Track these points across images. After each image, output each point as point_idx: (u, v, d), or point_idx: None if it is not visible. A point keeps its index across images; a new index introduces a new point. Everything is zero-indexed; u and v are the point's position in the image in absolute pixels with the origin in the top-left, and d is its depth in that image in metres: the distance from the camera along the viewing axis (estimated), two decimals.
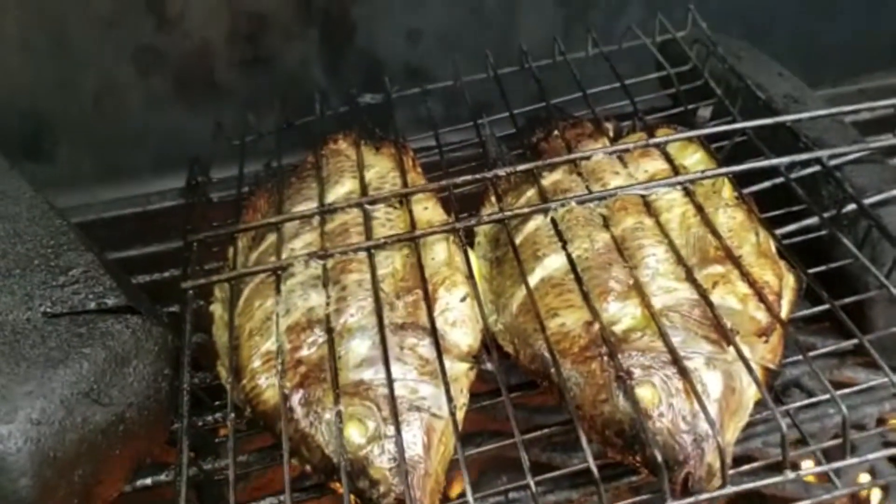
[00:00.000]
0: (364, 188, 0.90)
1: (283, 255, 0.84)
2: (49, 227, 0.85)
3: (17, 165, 0.98)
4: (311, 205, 0.90)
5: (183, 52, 1.35)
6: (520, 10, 1.44)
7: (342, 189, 0.92)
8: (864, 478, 0.91)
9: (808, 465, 0.84)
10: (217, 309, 0.86)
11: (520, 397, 0.82)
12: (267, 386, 0.75)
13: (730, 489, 0.64)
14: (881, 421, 0.85)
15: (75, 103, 1.35)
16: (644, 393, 0.67)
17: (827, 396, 0.70)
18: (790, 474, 0.64)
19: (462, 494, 0.67)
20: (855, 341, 0.74)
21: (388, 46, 1.42)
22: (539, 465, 0.90)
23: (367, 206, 0.87)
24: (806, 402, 0.79)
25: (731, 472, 0.66)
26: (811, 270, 0.81)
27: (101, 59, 1.33)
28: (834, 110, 0.90)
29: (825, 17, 1.49)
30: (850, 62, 1.41)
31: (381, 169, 0.95)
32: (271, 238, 0.88)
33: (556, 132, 1.00)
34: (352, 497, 0.68)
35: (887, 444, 0.87)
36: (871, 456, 0.67)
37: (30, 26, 1.28)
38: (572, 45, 1.16)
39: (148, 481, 0.79)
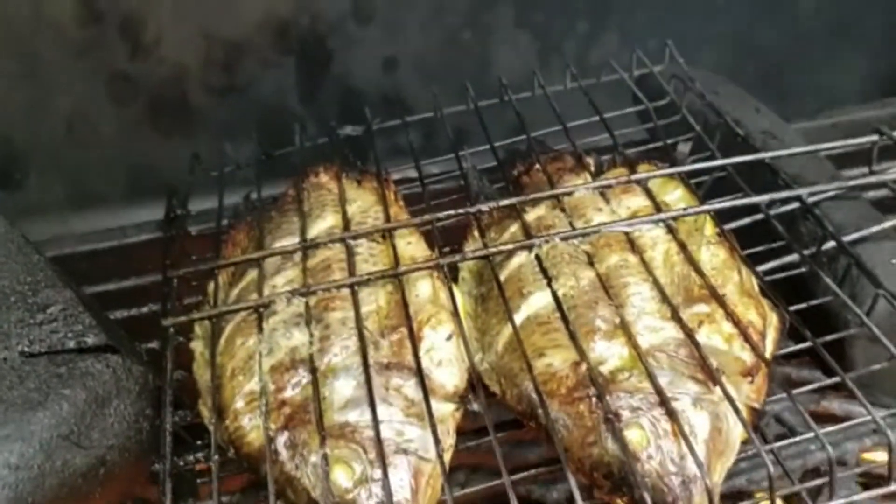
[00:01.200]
0: (346, 223, 0.90)
1: (265, 292, 0.83)
2: (26, 263, 0.84)
3: None
4: (293, 239, 0.89)
5: (157, 80, 1.35)
6: (494, 41, 1.45)
7: (324, 224, 0.92)
8: None
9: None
10: (198, 346, 0.85)
11: (504, 436, 0.82)
12: (251, 427, 0.74)
13: None
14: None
15: (47, 130, 1.33)
16: (633, 435, 0.67)
17: (809, 435, 0.70)
18: None
19: None
20: (836, 379, 0.74)
21: (364, 76, 1.42)
22: (518, 498, 0.90)
23: (350, 242, 0.86)
24: (790, 440, 0.79)
25: None
26: (792, 308, 0.82)
27: (73, 85, 1.32)
28: (812, 148, 0.92)
29: (797, 52, 1.52)
30: (823, 97, 1.44)
31: (363, 203, 0.95)
32: (252, 274, 0.87)
33: (537, 165, 1.00)
34: None
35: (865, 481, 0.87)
36: (856, 497, 0.67)
37: (1, 51, 1.27)
38: (548, 75, 1.16)
39: None
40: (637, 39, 1.26)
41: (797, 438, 0.79)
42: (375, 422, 0.70)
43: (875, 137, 0.91)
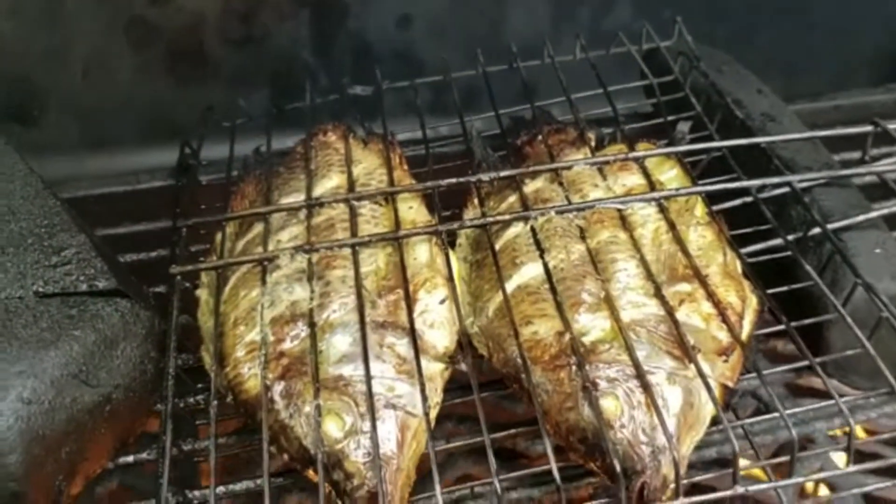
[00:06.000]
0: (351, 184, 0.93)
1: (270, 247, 0.87)
2: (43, 207, 0.87)
3: (3, 127, 0.99)
4: (299, 197, 0.93)
5: (176, 27, 1.37)
6: (509, 4, 1.47)
7: (329, 183, 0.95)
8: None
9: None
10: (203, 294, 0.89)
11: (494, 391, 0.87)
12: (249, 375, 0.78)
13: (682, 500, 0.68)
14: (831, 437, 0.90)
15: (65, 71, 1.36)
16: (608, 404, 0.71)
17: (776, 414, 0.74)
18: (739, 489, 0.69)
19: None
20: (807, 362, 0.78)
21: (378, 32, 1.44)
22: (504, 450, 0.94)
23: (354, 203, 0.89)
24: (759, 418, 0.83)
25: (685, 481, 0.70)
26: (776, 290, 0.85)
27: (93, 28, 1.34)
28: (806, 135, 0.94)
29: (808, 32, 1.53)
30: (829, 77, 1.46)
31: (368, 165, 0.98)
32: (258, 227, 0.91)
33: (539, 137, 1.03)
34: (326, 487, 0.71)
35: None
36: (814, 477, 0.71)
37: None
38: (560, 41, 1.19)
39: (130, 459, 0.82)
40: (651, 10, 1.27)
41: (766, 416, 0.83)
42: (368, 377, 0.74)
43: (869, 128, 0.93)
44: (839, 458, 0.92)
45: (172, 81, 1.40)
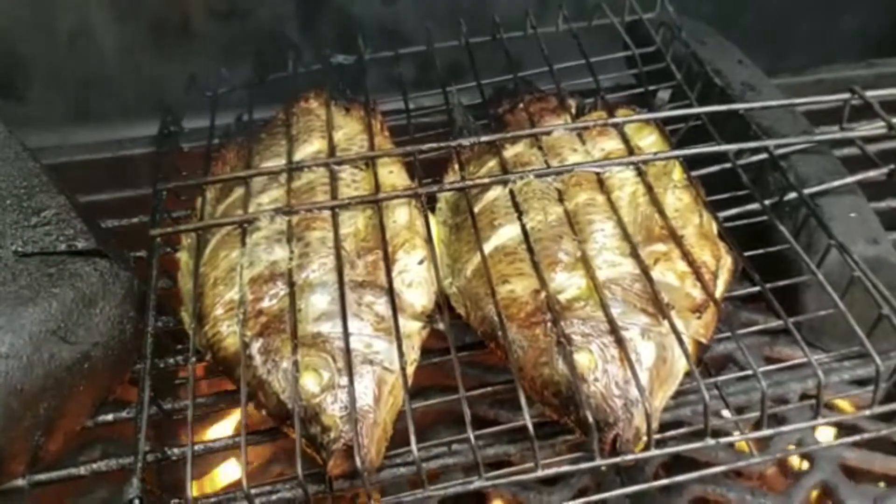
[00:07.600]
0: (332, 149, 0.93)
1: (250, 209, 0.87)
2: (22, 169, 0.88)
3: None
4: (280, 161, 0.93)
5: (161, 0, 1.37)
6: None
7: (310, 148, 0.95)
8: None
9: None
10: (183, 256, 0.89)
11: (474, 356, 0.87)
12: (228, 333, 0.79)
13: (654, 452, 0.69)
14: (805, 396, 0.90)
15: (50, 44, 1.36)
16: (581, 358, 0.72)
17: (749, 372, 0.75)
18: (710, 441, 0.70)
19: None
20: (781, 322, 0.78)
21: (363, 5, 1.44)
22: (486, 420, 0.95)
23: (334, 167, 0.90)
24: (733, 375, 0.84)
25: (658, 436, 0.71)
26: (752, 253, 0.86)
27: (78, 0, 1.34)
28: (785, 102, 0.95)
29: (795, 6, 1.53)
30: (815, 52, 1.45)
31: (349, 131, 0.98)
32: (239, 191, 0.91)
33: (521, 105, 1.03)
34: (303, 441, 0.72)
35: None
36: (782, 429, 0.72)
37: None
38: (547, 15, 1.18)
39: (109, 417, 0.83)
40: None
41: (739, 374, 0.84)
42: (346, 333, 0.74)
43: (847, 95, 0.94)
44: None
45: (157, 55, 1.40)
